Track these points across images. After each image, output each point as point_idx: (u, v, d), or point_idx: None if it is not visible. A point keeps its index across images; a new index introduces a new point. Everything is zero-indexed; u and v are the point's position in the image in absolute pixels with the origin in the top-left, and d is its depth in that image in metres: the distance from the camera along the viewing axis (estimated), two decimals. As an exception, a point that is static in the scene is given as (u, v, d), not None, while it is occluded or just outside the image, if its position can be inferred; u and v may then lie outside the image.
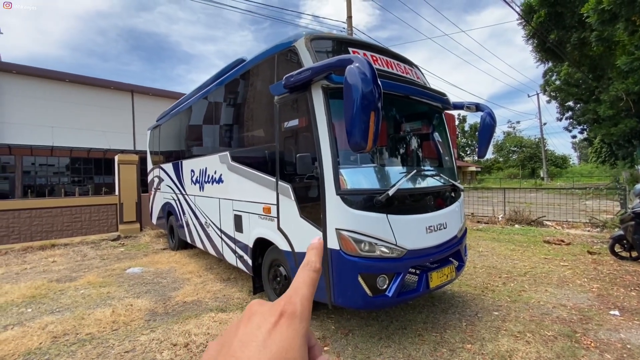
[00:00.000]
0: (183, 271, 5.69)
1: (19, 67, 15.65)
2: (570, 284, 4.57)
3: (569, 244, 6.84)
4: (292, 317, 0.34)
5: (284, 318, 0.34)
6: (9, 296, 4.56)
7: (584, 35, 13.46)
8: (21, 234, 8.18)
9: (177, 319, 3.73)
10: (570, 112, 27.32)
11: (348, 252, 2.82)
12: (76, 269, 6.09)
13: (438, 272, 3.25)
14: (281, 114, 3.48)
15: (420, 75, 4.08)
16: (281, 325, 0.34)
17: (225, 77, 4.91)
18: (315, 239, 0.45)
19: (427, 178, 3.58)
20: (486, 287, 4.53)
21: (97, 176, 18.12)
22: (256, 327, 0.34)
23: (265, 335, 0.33)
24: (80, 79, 17.21)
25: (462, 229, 3.78)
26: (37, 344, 3.22)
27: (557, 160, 49.81)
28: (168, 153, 7.56)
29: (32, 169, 16.52)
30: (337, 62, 2.65)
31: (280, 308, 0.35)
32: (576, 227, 8.80)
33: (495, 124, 3.99)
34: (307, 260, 0.43)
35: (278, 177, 3.50)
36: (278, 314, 0.35)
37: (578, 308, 3.78)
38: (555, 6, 13.92)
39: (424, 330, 3.34)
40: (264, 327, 0.33)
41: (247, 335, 0.33)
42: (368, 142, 2.37)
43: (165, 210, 7.71)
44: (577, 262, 5.59)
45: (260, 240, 3.96)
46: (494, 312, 3.74)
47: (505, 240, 7.48)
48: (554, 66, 21.89)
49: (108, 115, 17.91)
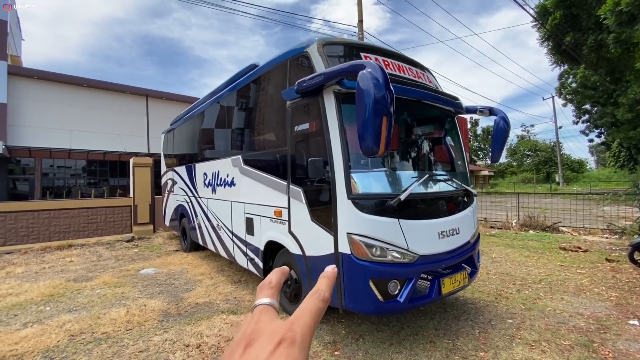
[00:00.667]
0: (195, 273, 5.77)
1: (39, 72, 16.21)
2: (588, 292, 4.45)
3: (586, 251, 6.66)
4: (291, 345, 0.34)
5: (282, 346, 0.34)
6: (29, 294, 4.71)
7: (601, 37, 13.14)
8: (40, 234, 8.44)
9: (190, 320, 3.78)
10: (587, 116, 26.70)
11: (359, 256, 2.82)
12: (92, 269, 6.24)
13: (450, 278, 3.21)
14: (293, 119, 3.51)
15: (432, 79, 4.07)
16: (279, 354, 0.33)
17: (238, 82, 4.99)
18: (329, 267, 0.46)
19: (439, 183, 3.56)
20: (500, 294, 4.45)
21: (112, 178, 18.56)
22: (254, 356, 0.34)
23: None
24: (97, 84, 17.70)
25: (475, 235, 3.73)
26: (55, 342, 3.31)
27: (573, 164, 48.59)
28: (181, 156, 7.70)
29: (51, 171, 17.02)
30: (350, 67, 2.67)
31: (280, 335, 0.35)
32: (594, 233, 8.56)
33: (509, 128, 3.94)
34: (317, 289, 0.43)
35: (289, 180, 3.53)
36: (277, 342, 0.34)
37: (596, 317, 3.67)
38: (570, 8, 13.66)
39: (436, 337, 3.30)
40: (262, 356, 0.33)
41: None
42: (380, 146, 2.38)
43: (178, 212, 7.84)
44: (595, 269, 5.43)
45: (271, 243, 3.99)
46: (508, 319, 3.67)
47: (520, 246, 7.33)
48: (570, 69, 21.45)
49: (123, 119, 18.35)
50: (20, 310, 4.17)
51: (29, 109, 15.71)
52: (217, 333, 3.43)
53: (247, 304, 4.27)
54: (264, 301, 0.44)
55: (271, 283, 0.47)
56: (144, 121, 19.22)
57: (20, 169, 16.22)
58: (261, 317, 0.40)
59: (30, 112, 15.74)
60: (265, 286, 0.46)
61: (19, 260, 7.06)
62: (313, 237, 3.24)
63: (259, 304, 0.43)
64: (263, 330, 0.37)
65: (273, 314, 0.42)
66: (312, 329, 0.37)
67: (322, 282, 0.43)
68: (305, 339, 0.36)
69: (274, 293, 0.46)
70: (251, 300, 4.41)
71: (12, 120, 15.02)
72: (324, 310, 0.40)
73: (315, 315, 0.39)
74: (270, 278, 0.48)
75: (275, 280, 0.47)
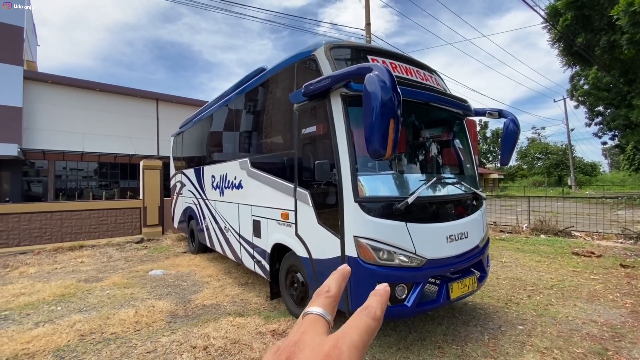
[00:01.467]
0: (203, 274, 5.81)
1: (54, 77, 16.62)
2: (602, 298, 4.34)
3: (599, 256, 6.50)
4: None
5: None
6: (41, 294, 4.80)
7: (614, 38, 12.90)
8: (53, 235, 8.61)
9: (197, 322, 3.80)
10: (600, 118, 26.16)
11: (366, 260, 2.80)
12: (102, 269, 6.34)
13: (459, 283, 3.17)
14: (300, 122, 3.52)
15: (440, 82, 4.04)
16: None
17: (246, 86, 5.03)
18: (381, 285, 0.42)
19: (448, 186, 3.52)
20: (510, 299, 4.37)
21: (122, 180, 18.88)
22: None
23: None
24: (109, 88, 18.07)
25: (484, 239, 3.68)
26: (65, 342, 3.36)
27: (585, 167, 47.64)
28: (190, 159, 7.78)
29: (64, 173, 17.39)
30: (357, 70, 2.67)
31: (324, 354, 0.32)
32: (607, 238, 8.35)
33: (519, 130, 3.89)
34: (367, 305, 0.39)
35: (296, 183, 3.53)
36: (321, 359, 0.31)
37: (610, 324, 3.58)
38: (582, 9, 13.45)
39: (444, 343, 3.25)
40: None
41: None
42: (387, 149, 2.36)
43: (186, 214, 7.92)
44: (609, 275, 5.29)
45: (278, 245, 4.00)
46: (518, 326, 3.59)
47: (530, 250, 7.19)
48: (582, 70, 21.09)
49: (134, 122, 18.67)
50: (32, 310, 4.25)
51: (43, 113, 16.10)
52: (224, 335, 3.44)
53: (253, 307, 4.28)
54: (316, 310, 0.39)
55: (329, 291, 0.42)
56: (154, 124, 19.52)
57: (35, 171, 16.61)
58: (309, 328, 0.37)
59: (44, 115, 16.13)
60: (322, 294, 0.42)
61: (32, 260, 7.21)
62: (320, 240, 3.23)
63: (310, 313, 0.39)
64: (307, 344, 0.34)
65: (322, 327, 0.37)
66: (362, 350, 0.33)
67: (373, 299, 0.40)
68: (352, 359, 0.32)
69: (330, 303, 0.41)
70: (257, 302, 4.42)
71: (27, 124, 15.41)
72: (376, 331, 0.36)
73: (364, 333, 0.35)
74: (329, 285, 0.43)
75: (335, 290, 0.42)
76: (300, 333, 0.36)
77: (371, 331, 0.35)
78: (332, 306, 0.41)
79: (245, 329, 3.57)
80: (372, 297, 0.40)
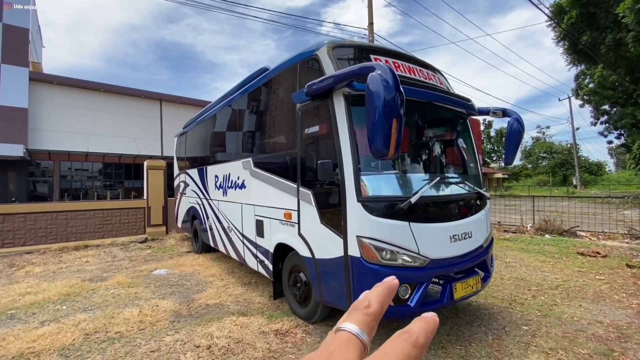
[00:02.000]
0: (206, 274, 5.83)
1: (59, 78, 16.77)
2: (607, 299, 4.29)
3: (605, 256, 6.43)
4: None
5: None
6: (47, 293, 4.84)
7: (620, 36, 12.78)
8: (58, 234, 8.69)
9: (200, 321, 3.81)
10: (605, 117, 25.95)
11: (369, 260, 2.79)
12: (107, 269, 6.38)
13: (463, 283, 3.15)
14: (303, 121, 3.52)
15: (443, 81, 4.02)
16: None
17: (249, 86, 5.04)
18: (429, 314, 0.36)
19: (451, 185, 3.50)
20: (514, 299, 4.34)
21: (126, 181, 18.99)
22: None
23: None
24: (113, 89, 18.20)
25: (488, 239, 3.66)
26: (70, 341, 3.39)
27: (591, 167, 47.19)
28: (193, 159, 7.82)
29: (69, 174, 17.53)
30: (359, 69, 2.66)
31: None
32: (613, 238, 8.27)
33: (524, 129, 3.86)
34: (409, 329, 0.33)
35: (299, 183, 3.53)
36: None
37: (616, 325, 3.54)
38: (587, 6, 13.35)
39: (448, 343, 3.24)
40: None
41: None
42: (390, 149, 2.36)
43: (190, 214, 7.95)
44: (615, 275, 5.24)
45: (281, 245, 4.00)
46: (523, 326, 3.57)
47: (535, 250, 7.14)
48: (587, 68, 20.92)
49: (138, 123, 18.79)
50: (38, 309, 4.29)
51: (48, 114, 16.25)
52: (227, 334, 3.45)
53: (256, 306, 4.29)
54: (351, 328, 0.34)
55: (369, 307, 0.36)
56: (158, 125, 19.63)
57: (40, 172, 16.77)
58: (339, 348, 0.32)
59: (50, 116, 16.28)
60: (360, 309, 0.36)
61: (38, 260, 7.28)
62: (322, 239, 3.23)
63: (344, 330, 0.34)
64: None
65: (355, 351, 0.32)
66: None
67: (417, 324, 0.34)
68: None
69: (369, 322, 0.35)
70: (261, 302, 4.43)
71: (32, 125, 15.56)
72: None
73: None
74: (369, 299, 0.37)
75: (376, 306, 0.36)
76: (328, 353, 0.32)
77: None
78: (371, 326, 0.35)
79: (248, 329, 3.58)
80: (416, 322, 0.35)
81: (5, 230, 8.06)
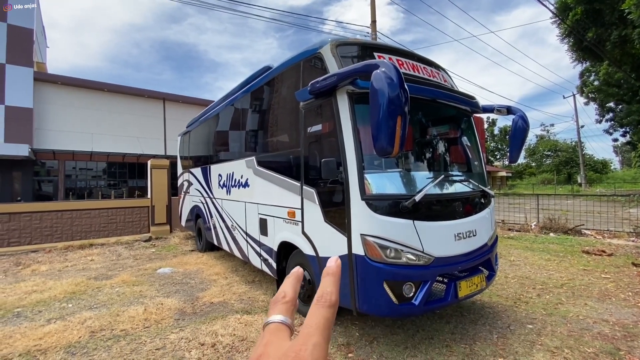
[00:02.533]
0: (210, 272, 5.85)
1: (63, 78, 16.88)
2: (613, 297, 4.26)
3: (610, 254, 6.39)
4: None
5: None
6: (52, 292, 4.88)
7: (625, 33, 12.65)
8: (63, 233, 8.76)
9: (205, 319, 3.83)
10: (611, 114, 25.71)
11: (373, 258, 2.79)
12: (112, 267, 6.43)
13: (467, 281, 3.14)
14: (306, 120, 3.52)
15: (447, 78, 4.00)
16: None
17: (252, 85, 5.04)
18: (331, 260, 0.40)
19: (455, 183, 3.49)
20: (519, 298, 4.32)
21: (130, 180, 19.11)
22: None
23: None
24: (117, 89, 18.29)
25: (493, 237, 3.64)
26: (76, 338, 3.42)
27: (596, 165, 46.82)
28: (197, 158, 7.84)
29: (73, 173, 17.67)
30: (363, 67, 2.65)
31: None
32: (619, 236, 8.20)
33: (528, 127, 3.83)
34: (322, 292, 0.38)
35: (303, 181, 3.53)
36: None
37: (622, 324, 3.51)
38: (592, 3, 13.21)
39: (452, 341, 3.23)
40: None
41: None
42: (394, 147, 2.35)
43: (193, 213, 7.98)
44: (621, 274, 5.20)
45: (285, 244, 4.01)
46: (527, 325, 3.55)
47: (539, 249, 7.10)
48: (592, 66, 20.73)
49: (142, 122, 18.88)
50: (44, 307, 4.33)
51: (53, 113, 16.37)
52: (232, 332, 3.47)
53: (260, 304, 4.30)
54: (276, 319, 0.39)
55: (285, 297, 0.42)
56: (161, 124, 19.71)
57: (45, 171, 16.90)
58: (271, 338, 0.36)
59: (54, 116, 16.40)
60: (279, 301, 0.42)
61: (44, 258, 7.34)
62: (326, 238, 3.23)
63: (271, 322, 0.39)
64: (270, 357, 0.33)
65: (285, 334, 0.37)
66: (325, 346, 0.33)
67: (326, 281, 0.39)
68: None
69: (288, 308, 0.41)
70: (265, 300, 4.44)
71: (37, 124, 15.68)
72: (335, 315, 0.36)
73: (325, 329, 0.34)
74: (284, 290, 0.43)
75: (291, 294, 0.42)
76: (263, 345, 0.35)
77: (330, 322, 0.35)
78: (291, 310, 0.41)
79: (252, 327, 3.59)
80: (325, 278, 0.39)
81: (11, 229, 8.14)
